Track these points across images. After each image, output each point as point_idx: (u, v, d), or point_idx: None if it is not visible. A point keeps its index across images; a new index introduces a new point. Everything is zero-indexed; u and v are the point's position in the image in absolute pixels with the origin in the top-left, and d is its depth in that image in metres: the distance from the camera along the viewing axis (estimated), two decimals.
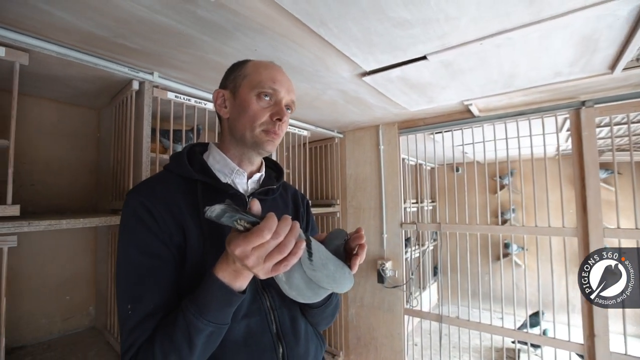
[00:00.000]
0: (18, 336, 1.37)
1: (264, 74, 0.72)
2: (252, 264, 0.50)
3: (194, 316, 0.54)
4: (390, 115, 2.00)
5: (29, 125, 1.45)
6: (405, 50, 1.09)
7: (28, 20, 0.93)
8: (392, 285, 2.14)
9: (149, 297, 0.59)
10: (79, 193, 1.59)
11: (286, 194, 0.89)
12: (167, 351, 0.54)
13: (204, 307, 0.55)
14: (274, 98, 0.72)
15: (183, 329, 0.54)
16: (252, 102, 0.71)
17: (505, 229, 1.97)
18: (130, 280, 0.60)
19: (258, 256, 0.50)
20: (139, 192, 0.66)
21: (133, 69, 1.23)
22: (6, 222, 0.95)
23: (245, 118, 0.71)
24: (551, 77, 1.33)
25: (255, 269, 0.51)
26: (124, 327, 0.59)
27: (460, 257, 2.34)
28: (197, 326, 0.54)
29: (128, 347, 0.57)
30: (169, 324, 0.56)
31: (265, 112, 0.71)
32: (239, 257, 0.50)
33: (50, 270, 1.48)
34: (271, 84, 0.71)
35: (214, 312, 0.55)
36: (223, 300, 0.55)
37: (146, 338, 0.57)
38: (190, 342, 0.54)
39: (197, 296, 0.56)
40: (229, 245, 0.52)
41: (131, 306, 0.58)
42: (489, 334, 1.95)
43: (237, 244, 0.50)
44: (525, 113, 1.73)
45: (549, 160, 1.83)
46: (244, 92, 0.72)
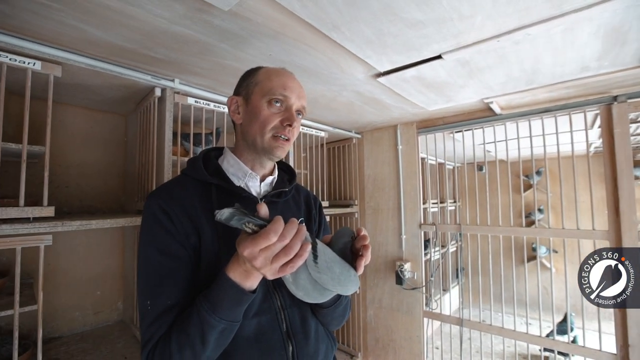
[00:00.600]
0: (55, 327, 1.48)
1: (275, 81, 0.74)
2: (260, 264, 0.52)
3: (207, 313, 0.57)
4: (408, 115, 1.98)
5: (64, 131, 1.56)
6: (419, 50, 1.07)
7: (62, 37, 1.00)
8: (411, 287, 2.11)
9: (167, 295, 0.63)
10: (108, 194, 1.68)
11: (298, 196, 0.91)
12: (182, 345, 0.58)
13: (216, 304, 0.57)
14: (284, 104, 0.75)
15: (197, 325, 0.57)
16: (263, 108, 0.74)
17: (530, 231, 1.89)
18: (150, 279, 0.64)
19: (265, 257, 0.52)
20: (158, 195, 0.71)
21: (155, 76, 1.29)
22: (42, 222, 1.03)
23: (257, 124, 0.74)
24: (578, 72, 1.26)
25: (263, 269, 0.53)
26: (143, 321, 0.63)
27: (482, 259, 2.27)
28: (209, 322, 0.57)
29: (147, 340, 0.61)
30: (184, 319, 0.60)
31: (275, 118, 0.74)
32: (247, 258, 0.53)
33: (83, 267, 1.58)
34: (282, 90, 0.73)
35: (226, 310, 0.58)
36: (234, 298, 0.58)
37: (164, 332, 0.61)
38: (203, 338, 0.57)
39: (210, 294, 0.59)
40: (239, 246, 0.55)
41: (150, 302, 0.62)
42: (513, 340, 1.88)
43: (245, 245, 0.52)
44: (551, 110, 1.66)
45: (578, 158, 1.73)
46: (256, 99, 0.75)
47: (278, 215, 0.55)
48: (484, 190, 2.00)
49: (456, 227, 2.00)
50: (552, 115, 1.66)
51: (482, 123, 1.88)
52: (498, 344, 2.93)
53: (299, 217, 0.85)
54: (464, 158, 2.11)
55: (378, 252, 2.30)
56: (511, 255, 2.03)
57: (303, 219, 0.86)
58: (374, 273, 2.32)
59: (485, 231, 1.92)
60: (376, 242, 2.32)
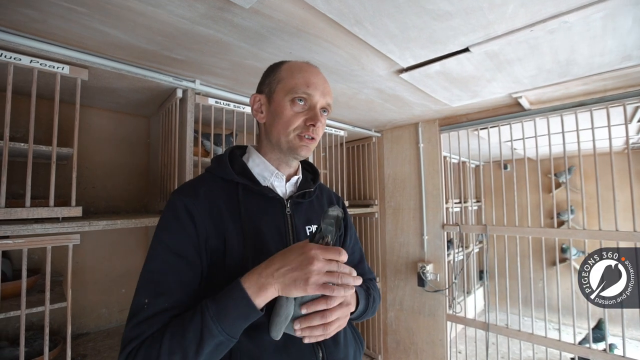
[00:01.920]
0: (82, 324, 1.53)
1: (297, 78, 0.72)
2: (316, 269, 0.54)
3: (212, 319, 0.54)
4: (430, 112, 1.92)
5: (90, 134, 1.61)
6: (445, 43, 1.03)
7: (88, 40, 1.03)
8: (433, 289, 2.05)
9: (168, 295, 0.60)
10: (132, 195, 1.72)
11: (322, 196, 0.89)
12: (174, 348, 0.53)
13: (221, 312, 0.55)
14: (308, 103, 0.72)
15: (197, 330, 0.54)
16: (286, 108, 0.71)
17: (563, 232, 1.78)
18: (154, 276, 0.62)
19: (322, 267, 0.55)
20: (183, 192, 0.69)
21: (177, 77, 1.31)
22: (71, 222, 1.06)
23: (280, 124, 0.72)
24: (618, 62, 1.18)
25: (312, 277, 0.54)
26: (134, 318, 0.58)
27: (509, 261, 2.17)
28: (211, 330, 0.53)
29: (132, 338, 0.57)
30: (184, 320, 0.56)
31: (299, 117, 0.71)
32: (308, 258, 0.54)
33: (108, 265, 1.62)
34: (305, 88, 0.70)
35: (230, 321, 0.55)
36: (242, 312, 0.55)
37: (152, 332, 0.57)
38: (199, 345, 0.53)
39: (220, 300, 0.56)
40: (306, 245, 0.57)
41: (148, 301, 0.59)
42: (544, 347, 1.78)
43: (313, 246, 0.56)
44: (586, 104, 1.56)
45: (616, 155, 1.62)
46: (279, 98, 0.72)
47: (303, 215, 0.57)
48: (509, 190, 1.91)
49: (481, 228, 1.93)
50: (587, 109, 1.56)
51: (510, 119, 1.79)
52: (526, 350, 2.80)
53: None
54: (489, 156, 2.02)
55: (399, 253, 2.25)
56: (539, 257, 1.93)
57: None
58: (394, 274, 2.27)
59: (513, 232, 1.84)
60: (397, 243, 2.26)
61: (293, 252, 0.57)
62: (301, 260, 0.55)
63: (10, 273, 1.26)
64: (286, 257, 0.57)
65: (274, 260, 0.58)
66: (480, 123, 1.91)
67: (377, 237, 2.34)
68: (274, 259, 0.58)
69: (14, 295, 1.18)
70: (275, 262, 0.57)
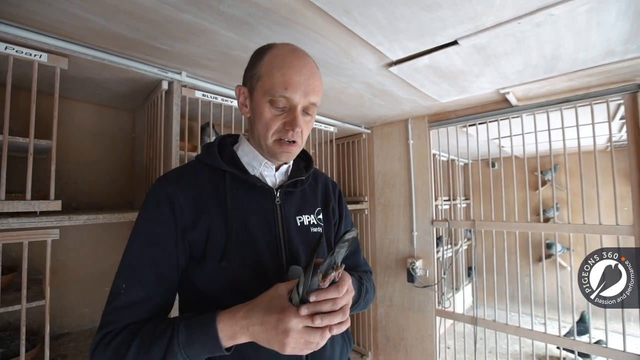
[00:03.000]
0: (64, 323, 1.48)
1: (276, 77, 0.65)
2: (291, 340, 0.52)
3: (178, 345, 0.54)
4: (420, 108, 1.92)
5: (73, 127, 1.55)
6: (434, 35, 1.02)
7: (67, 27, 0.99)
8: (422, 284, 2.06)
9: (143, 285, 0.61)
10: (116, 190, 1.68)
11: (316, 185, 0.86)
12: (139, 355, 0.55)
13: (190, 342, 0.55)
14: (288, 104, 0.66)
15: (162, 348, 0.54)
16: (265, 110, 0.67)
17: (549, 226, 1.82)
18: (132, 263, 0.62)
19: (303, 335, 0.53)
20: (167, 180, 0.67)
21: (162, 69, 1.27)
22: (49, 216, 1.02)
23: (260, 125, 0.68)
24: (602, 58, 1.20)
25: (290, 345, 0.52)
26: (112, 302, 0.60)
27: (497, 257, 2.20)
28: (175, 355, 0.54)
29: (107, 322, 0.58)
30: (155, 332, 0.56)
31: (278, 120, 0.67)
32: (286, 329, 0.52)
33: (91, 264, 1.57)
34: (283, 91, 0.64)
35: (196, 352, 0.55)
36: (207, 347, 0.55)
37: (127, 323, 0.58)
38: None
39: (191, 328, 0.56)
40: (285, 311, 0.54)
41: (125, 286, 0.60)
42: (530, 340, 1.81)
43: (292, 316, 0.53)
44: (571, 100, 1.59)
45: (599, 152, 1.65)
46: (258, 97, 0.68)
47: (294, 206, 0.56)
48: (497, 187, 1.94)
49: (470, 224, 1.94)
50: (572, 105, 1.59)
51: (497, 115, 1.81)
52: (513, 344, 2.85)
53: (315, 207, 0.81)
54: (478, 154, 2.04)
55: (389, 249, 2.25)
56: (526, 253, 1.96)
57: (320, 209, 0.83)
58: (384, 271, 2.27)
59: (501, 227, 1.86)
60: (387, 239, 2.27)
61: (272, 314, 0.54)
62: (278, 329, 0.53)
63: None
64: (265, 316, 0.54)
65: (253, 313, 0.55)
66: (468, 119, 1.92)
67: (367, 234, 2.35)
68: (253, 310, 0.55)
69: None
70: (252, 316, 0.55)
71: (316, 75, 0.69)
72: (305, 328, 0.53)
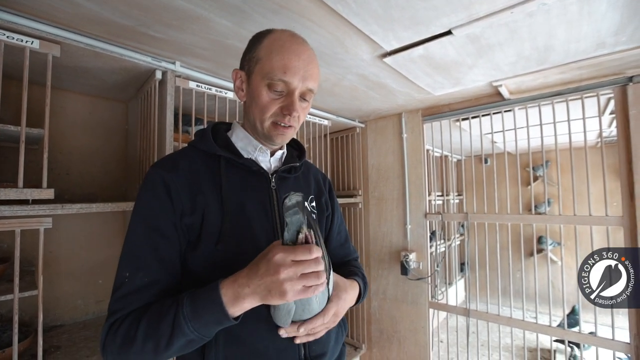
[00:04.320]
0: (57, 315, 1.47)
1: (275, 61, 0.65)
2: (285, 276, 0.51)
3: (184, 319, 0.53)
4: (414, 102, 1.94)
5: (65, 118, 1.54)
6: (428, 24, 1.03)
7: (59, 13, 0.97)
8: (416, 277, 2.08)
9: (146, 271, 0.60)
10: (109, 182, 1.66)
11: (308, 173, 0.87)
12: (147, 336, 0.54)
13: (196, 313, 0.54)
14: (285, 89, 0.67)
15: (169, 325, 0.54)
16: (262, 93, 0.67)
17: (540, 218, 1.84)
18: (133, 251, 0.62)
19: (295, 271, 0.51)
20: (161, 165, 0.67)
21: (156, 58, 1.26)
22: (42, 204, 1.01)
23: (256, 108, 0.69)
24: (593, 50, 1.22)
25: (286, 283, 0.51)
26: (118, 291, 0.60)
27: (489, 252, 2.23)
28: (182, 329, 0.53)
29: (115, 311, 0.59)
30: (161, 310, 0.56)
31: (275, 104, 0.67)
32: (275, 264, 0.51)
33: (85, 256, 1.56)
34: (281, 74, 0.65)
35: (203, 323, 0.54)
36: (214, 317, 0.54)
37: (135, 308, 0.58)
38: (170, 339, 0.54)
39: (196, 299, 0.55)
40: (271, 250, 0.53)
41: (129, 274, 0.60)
42: (521, 333, 1.84)
43: (279, 250, 0.52)
44: (563, 93, 1.61)
45: (589, 148, 1.68)
46: (256, 80, 0.68)
47: (289, 191, 0.56)
48: (490, 183, 1.96)
49: (463, 216, 1.97)
50: (563, 99, 1.61)
51: (490, 109, 1.83)
52: (505, 337, 2.89)
53: (309, 195, 0.82)
54: (471, 150, 2.06)
55: (382, 243, 2.27)
56: (518, 247, 1.99)
57: (313, 197, 0.83)
58: (378, 264, 2.29)
59: (493, 219, 1.88)
60: (380, 232, 2.28)
61: (261, 259, 0.54)
62: (267, 269, 0.52)
63: None
64: (259, 264, 0.54)
65: (252, 268, 0.55)
66: (462, 113, 1.94)
67: (361, 228, 2.36)
68: (252, 266, 0.55)
69: None
70: (251, 270, 0.55)
71: (314, 62, 0.70)
72: (297, 268, 0.52)
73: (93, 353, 1.21)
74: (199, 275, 0.64)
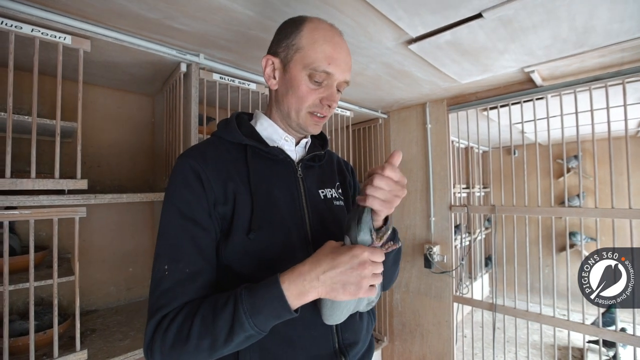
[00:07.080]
0: (91, 301, 1.54)
1: (319, 51, 0.65)
2: (368, 272, 0.54)
3: (245, 314, 0.52)
4: (439, 91, 1.87)
5: (96, 113, 1.60)
6: (457, 7, 0.98)
7: (88, 8, 1.00)
8: (440, 270, 2.04)
9: (187, 261, 0.58)
10: (137, 174, 1.72)
11: (332, 162, 0.87)
12: (204, 333, 0.52)
13: (255, 308, 0.52)
14: (327, 80, 0.67)
15: (228, 320, 0.52)
16: (302, 82, 0.66)
17: (574, 211, 1.74)
18: (170, 242, 0.60)
19: (371, 270, 0.54)
20: (190, 155, 0.66)
21: (180, 51, 1.28)
22: (76, 194, 1.06)
23: (294, 97, 0.68)
24: (638, 30, 1.12)
25: (364, 282, 0.54)
26: (158, 287, 0.58)
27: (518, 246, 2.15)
28: (243, 325, 0.52)
29: (160, 307, 0.56)
30: (217, 305, 0.54)
31: (315, 94, 0.67)
32: (361, 262, 0.53)
33: (116, 244, 1.63)
34: (326, 65, 0.65)
35: (263, 318, 0.53)
36: (274, 311, 0.53)
37: (183, 305, 0.56)
38: (229, 335, 0.52)
39: (256, 294, 0.54)
40: (355, 247, 0.55)
41: (168, 267, 0.58)
42: (551, 331, 1.76)
43: (365, 249, 0.55)
44: (602, 78, 1.50)
45: (630, 138, 1.56)
46: (296, 69, 0.67)
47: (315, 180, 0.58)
48: (519, 176, 1.87)
49: (490, 209, 1.90)
50: (602, 84, 1.50)
51: (521, 96, 1.74)
52: (533, 334, 2.79)
53: (335, 182, 0.82)
54: (499, 140, 1.97)
55: (405, 235, 2.23)
56: (548, 242, 1.90)
57: (339, 184, 0.83)
58: (401, 256, 2.26)
59: (523, 212, 1.80)
60: (403, 225, 2.25)
61: (343, 255, 0.54)
62: (353, 264, 0.53)
63: (19, 249, 1.27)
64: (335, 259, 0.54)
65: (320, 262, 0.54)
66: (490, 101, 1.86)
67: None
68: (320, 260, 0.55)
69: (22, 270, 1.19)
70: (321, 264, 0.54)
71: (350, 54, 0.72)
72: (373, 268, 0.55)
73: (125, 337, 1.27)
74: (230, 265, 0.64)
